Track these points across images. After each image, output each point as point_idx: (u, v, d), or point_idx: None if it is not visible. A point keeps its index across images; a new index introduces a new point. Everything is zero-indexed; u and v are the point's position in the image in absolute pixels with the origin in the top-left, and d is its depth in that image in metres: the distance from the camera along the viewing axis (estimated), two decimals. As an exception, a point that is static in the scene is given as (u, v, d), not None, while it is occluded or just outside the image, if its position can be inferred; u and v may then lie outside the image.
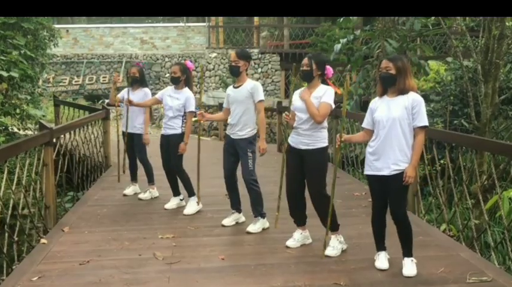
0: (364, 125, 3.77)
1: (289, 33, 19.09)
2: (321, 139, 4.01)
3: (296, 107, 4.06)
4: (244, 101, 4.55)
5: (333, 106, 3.99)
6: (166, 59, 19.00)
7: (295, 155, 4.10)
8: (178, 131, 5.25)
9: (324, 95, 3.94)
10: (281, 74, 17.88)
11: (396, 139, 3.51)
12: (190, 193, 5.33)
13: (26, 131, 7.91)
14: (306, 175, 4.06)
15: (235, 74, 4.61)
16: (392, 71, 3.51)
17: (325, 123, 4.04)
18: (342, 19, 8.26)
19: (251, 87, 4.54)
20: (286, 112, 4.21)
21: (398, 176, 3.51)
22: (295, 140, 4.08)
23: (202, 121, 4.58)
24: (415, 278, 3.52)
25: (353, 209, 5.38)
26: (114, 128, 7.02)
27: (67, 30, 18.99)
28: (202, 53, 18.77)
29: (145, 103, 5.75)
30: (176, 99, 5.25)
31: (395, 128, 3.51)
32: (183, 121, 5.27)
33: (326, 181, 4.07)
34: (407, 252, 3.64)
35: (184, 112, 5.27)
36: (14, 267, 3.91)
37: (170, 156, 5.31)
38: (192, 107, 5.28)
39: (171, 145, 5.26)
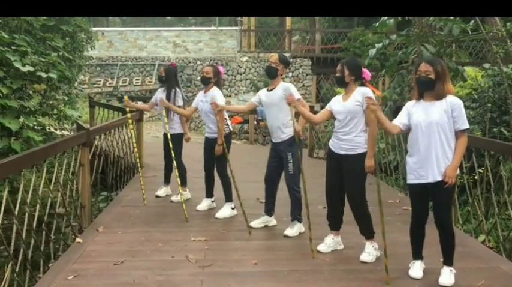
0: (396, 121, 3.59)
1: (321, 38, 18.99)
2: (361, 145, 3.94)
3: (336, 111, 4.01)
4: (278, 104, 4.52)
5: None
6: (198, 63, 19.17)
7: (333, 159, 4.07)
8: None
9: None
10: (312, 78, 17.77)
11: (440, 145, 3.41)
12: (228, 199, 5.31)
13: (63, 131, 8.07)
14: (345, 180, 4.01)
15: (272, 75, 4.57)
16: (432, 76, 3.42)
17: (365, 127, 3.95)
18: (377, 23, 8.11)
19: (284, 88, 4.52)
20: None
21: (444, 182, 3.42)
22: (335, 145, 4.04)
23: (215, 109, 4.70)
24: (455, 290, 3.41)
25: (388, 217, 5.22)
26: (147, 130, 7.07)
27: (102, 33, 19.38)
28: (234, 56, 18.87)
29: (183, 113, 5.70)
30: (206, 102, 5.23)
31: (435, 133, 3.41)
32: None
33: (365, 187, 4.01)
34: (448, 261, 3.54)
35: None
36: (50, 265, 3.97)
37: (212, 158, 5.29)
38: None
39: (212, 147, 5.24)
